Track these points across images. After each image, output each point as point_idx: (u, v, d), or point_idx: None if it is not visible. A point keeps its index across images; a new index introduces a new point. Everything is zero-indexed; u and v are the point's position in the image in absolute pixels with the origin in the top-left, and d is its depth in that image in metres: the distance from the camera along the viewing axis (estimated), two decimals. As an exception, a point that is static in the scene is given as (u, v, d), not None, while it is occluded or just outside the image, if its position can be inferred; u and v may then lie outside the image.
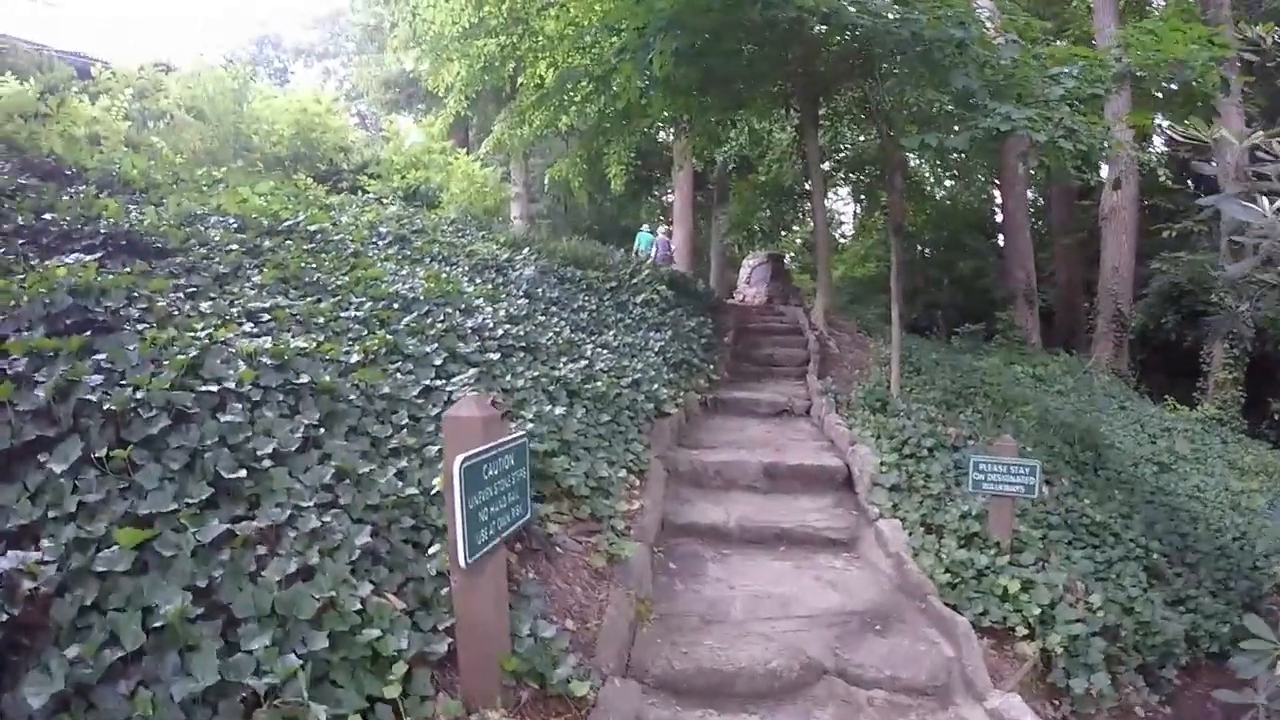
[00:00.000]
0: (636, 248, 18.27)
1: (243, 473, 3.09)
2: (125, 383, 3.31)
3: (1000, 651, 4.27)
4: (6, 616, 2.23)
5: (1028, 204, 21.44)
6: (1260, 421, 15.83)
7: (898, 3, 7.17)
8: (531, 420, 4.77)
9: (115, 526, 2.63)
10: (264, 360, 3.95)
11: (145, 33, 51.09)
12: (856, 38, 8.39)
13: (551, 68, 12.28)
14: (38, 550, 2.47)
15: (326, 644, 2.54)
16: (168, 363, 3.53)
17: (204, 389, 3.47)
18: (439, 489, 3.47)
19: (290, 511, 3.04)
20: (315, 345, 4.38)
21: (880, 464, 6.20)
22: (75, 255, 4.82)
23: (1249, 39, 4.36)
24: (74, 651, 2.20)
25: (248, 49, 38.69)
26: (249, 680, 2.31)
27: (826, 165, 20.87)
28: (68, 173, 6.94)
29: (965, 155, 19.40)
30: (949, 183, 27.44)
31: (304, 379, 3.94)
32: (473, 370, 4.95)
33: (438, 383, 4.63)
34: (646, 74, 8.57)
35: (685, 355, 8.91)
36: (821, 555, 5.31)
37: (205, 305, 4.67)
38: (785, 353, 11.06)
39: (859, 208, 28.17)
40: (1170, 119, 7.99)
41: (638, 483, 5.48)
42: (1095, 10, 16.74)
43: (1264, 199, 3.12)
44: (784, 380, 9.97)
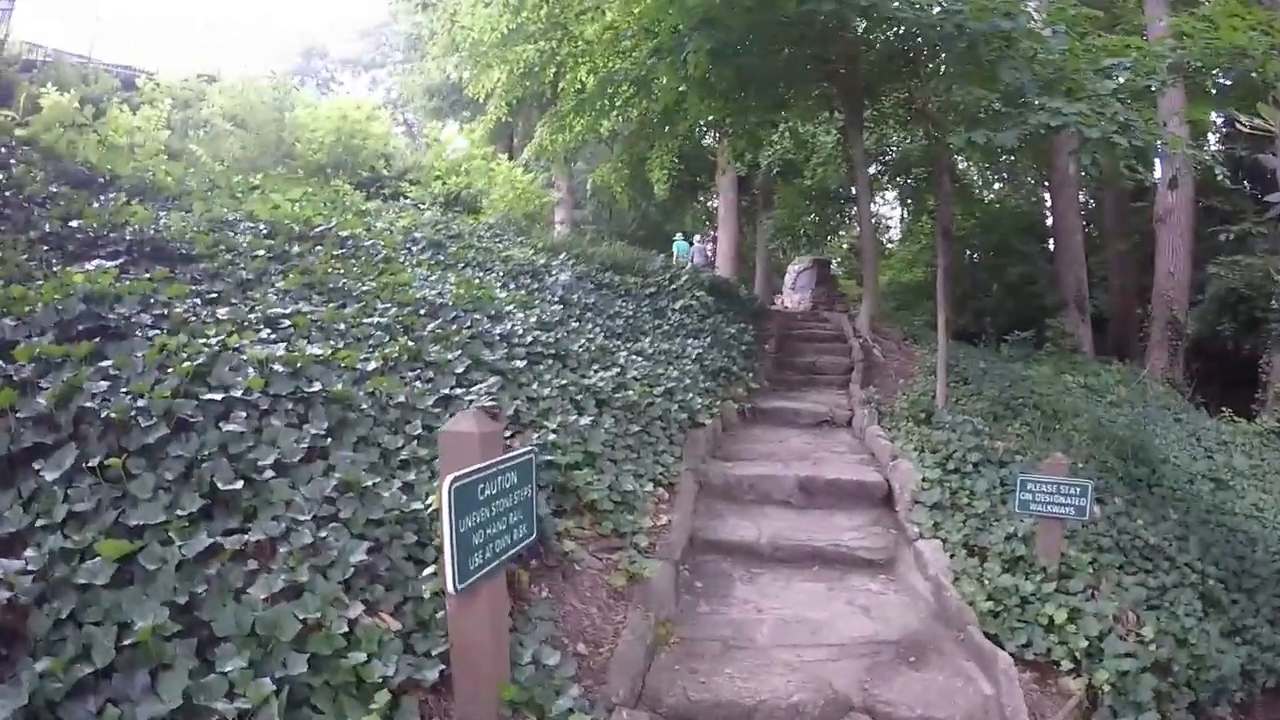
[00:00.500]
0: (675, 255, 18.08)
1: (240, 484, 2.97)
2: (126, 390, 3.22)
3: (1043, 687, 3.92)
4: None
5: (1079, 206, 20.78)
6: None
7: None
8: (555, 431, 4.58)
9: (103, 537, 2.52)
10: (276, 367, 3.84)
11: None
12: (900, 35, 8.14)
13: (592, 73, 12.16)
14: (21, 559, 2.37)
15: (307, 667, 2.39)
16: (172, 370, 3.43)
17: (209, 397, 3.37)
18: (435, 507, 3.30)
19: (287, 525, 2.90)
20: (332, 352, 4.27)
21: (922, 480, 5.86)
22: (97, 262, 4.80)
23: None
24: (44, 665, 2.08)
25: (293, 60, 39.53)
26: (219, 704, 2.15)
27: (872, 169, 20.54)
28: (102, 180, 6.96)
29: (1014, 156, 19.02)
30: (998, 186, 26.93)
31: (316, 387, 3.82)
32: (494, 378, 4.79)
33: (457, 391, 4.48)
34: (681, 74, 8.40)
35: (724, 363, 8.69)
36: (856, 577, 4.99)
37: (223, 311, 4.60)
38: (828, 360, 10.75)
39: (906, 212, 27.63)
40: (1228, 114, 7.50)
41: (666, 496, 5.26)
42: (1146, 1, 16.15)
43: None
44: (826, 389, 9.67)
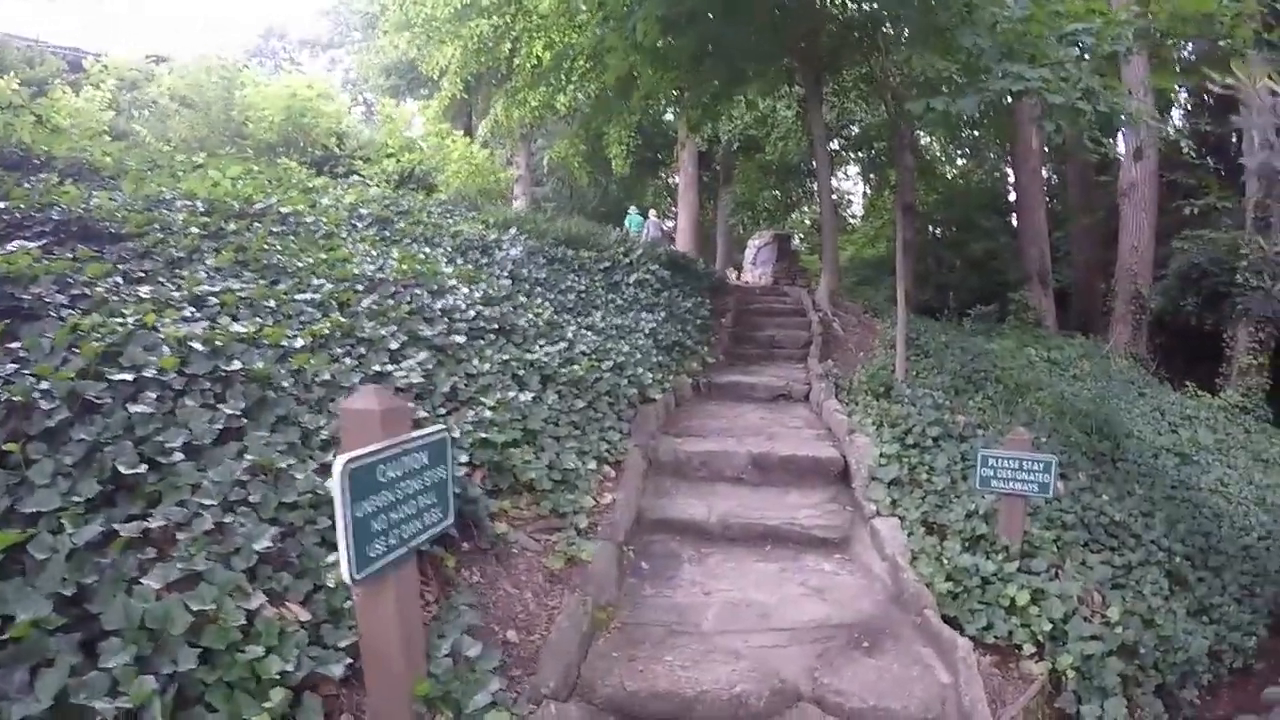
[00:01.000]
0: (627, 230, 17.85)
1: (144, 468, 2.80)
2: (30, 372, 3.04)
3: (1004, 671, 3.81)
4: None
5: (1043, 181, 20.84)
6: (1286, 409, 15.25)
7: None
8: (492, 408, 4.43)
9: (-3, 526, 2.36)
10: (195, 346, 3.66)
11: (144, 32, 51.51)
12: (859, 5, 7.97)
13: (548, 48, 11.92)
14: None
15: (199, 663, 2.24)
16: (80, 350, 3.25)
17: (120, 378, 3.19)
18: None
19: (192, 511, 2.74)
20: (257, 330, 4.09)
21: (880, 455, 5.75)
22: (19, 243, 4.57)
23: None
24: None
25: (253, 42, 38.79)
26: (99, 703, 2.00)
27: (834, 144, 20.47)
28: (37, 161, 6.70)
29: (976, 129, 18.99)
30: (960, 161, 27.02)
31: (235, 365, 3.64)
32: (424, 354, 4.62)
33: (389, 368, 4.30)
34: (631, 43, 8.20)
35: (679, 337, 8.57)
36: (810, 557, 4.87)
37: (146, 290, 4.38)
38: (787, 335, 10.64)
39: (868, 188, 27.65)
40: (1192, 84, 7.44)
41: (613, 474, 5.11)
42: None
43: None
44: (784, 363, 9.57)
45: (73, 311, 3.80)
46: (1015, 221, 21.35)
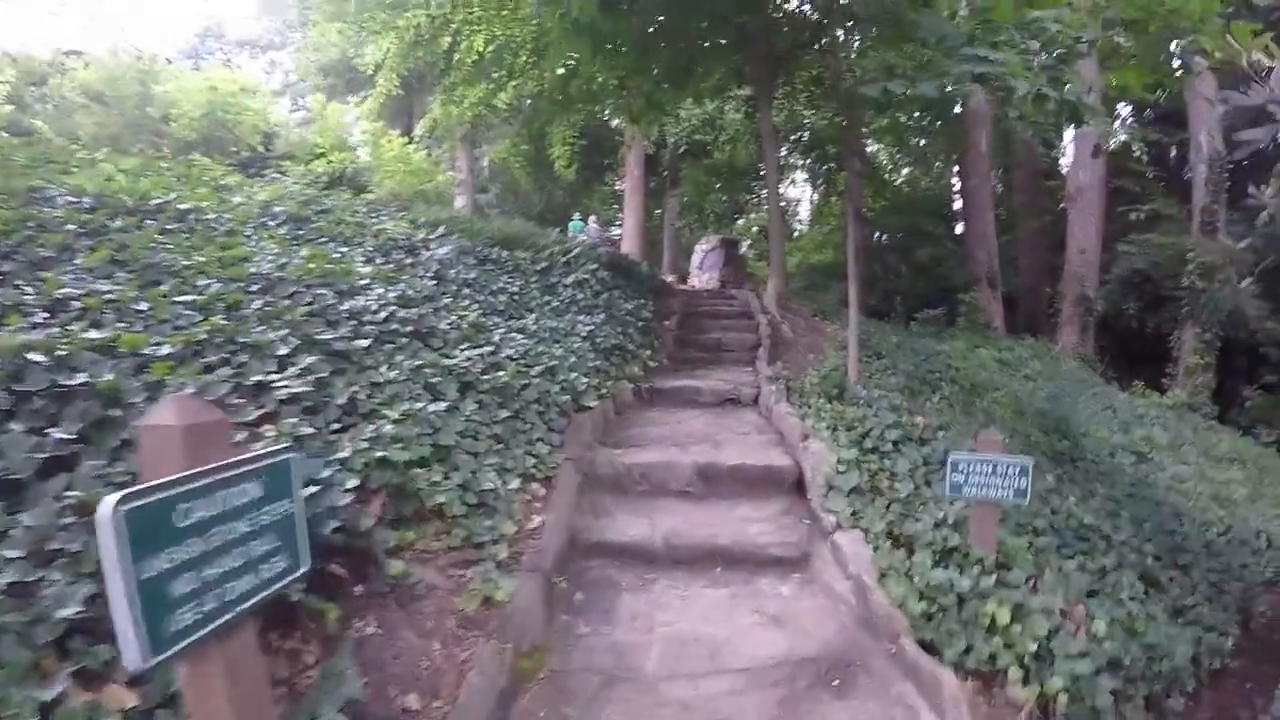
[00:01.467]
0: (571, 235, 17.41)
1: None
2: None
3: (989, 698, 3.31)
4: None
5: (991, 185, 20.86)
6: (1229, 408, 15.52)
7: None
8: (396, 421, 3.84)
9: None
10: (31, 358, 3.04)
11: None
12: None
13: (489, 42, 11.34)
14: None
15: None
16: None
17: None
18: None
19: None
20: (114, 337, 3.47)
21: (837, 461, 5.24)
22: None
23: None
24: None
25: (189, 41, 37.61)
26: None
27: (784, 150, 20.22)
28: (-95, 160, 6.00)
29: (926, 137, 18.90)
30: (906, 170, 27.13)
31: (79, 379, 3.03)
32: (318, 360, 4.02)
33: (273, 377, 3.68)
34: (567, 22, 7.68)
35: (619, 340, 8.04)
36: (765, 579, 4.36)
37: (-6, 294, 3.76)
38: (734, 337, 10.19)
39: (815, 195, 27.53)
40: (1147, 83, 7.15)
41: (542, 492, 4.54)
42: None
43: None
44: (732, 367, 9.09)
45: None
46: (961, 228, 21.35)
